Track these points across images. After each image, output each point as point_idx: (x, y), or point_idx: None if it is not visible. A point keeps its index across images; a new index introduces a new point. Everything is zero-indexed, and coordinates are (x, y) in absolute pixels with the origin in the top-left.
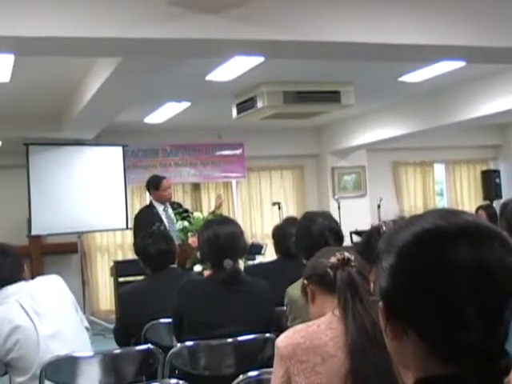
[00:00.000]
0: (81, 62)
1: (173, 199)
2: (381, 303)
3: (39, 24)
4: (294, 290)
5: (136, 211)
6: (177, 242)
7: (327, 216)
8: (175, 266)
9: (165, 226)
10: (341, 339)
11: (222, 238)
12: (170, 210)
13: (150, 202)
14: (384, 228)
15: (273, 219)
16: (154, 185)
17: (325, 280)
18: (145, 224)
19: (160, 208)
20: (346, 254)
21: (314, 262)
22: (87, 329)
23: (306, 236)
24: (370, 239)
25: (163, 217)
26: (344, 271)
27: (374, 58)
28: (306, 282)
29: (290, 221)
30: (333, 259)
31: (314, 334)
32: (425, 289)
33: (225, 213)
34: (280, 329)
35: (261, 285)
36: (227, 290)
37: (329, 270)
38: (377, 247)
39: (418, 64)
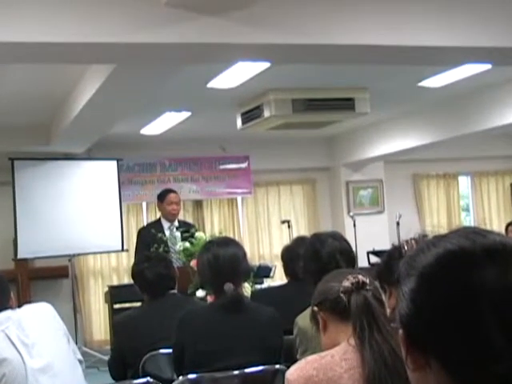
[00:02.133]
0: (71, 69)
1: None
2: (401, 331)
3: (25, 28)
4: (304, 320)
5: (132, 230)
6: (176, 264)
7: (337, 237)
8: (175, 291)
9: (165, 247)
10: (357, 371)
11: (222, 260)
12: (177, 231)
13: (159, 217)
14: (406, 248)
15: (282, 239)
16: (160, 196)
17: (338, 306)
18: (142, 244)
19: (166, 225)
20: (361, 277)
21: (325, 287)
22: (80, 361)
23: (315, 259)
24: (390, 260)
25: (167, 235)
26: (359, 295)
27: (391, 62)
28: (316, 309)
29: (299, 241)
30: (346, 283)
31: (328, 365)
32: (448, 315)
33: (229, 232)
34: (291, 359)
35: (267, 311)
36: (230, 317)
37: (342, 294)
38: (397, 269)
39: (440, 68)
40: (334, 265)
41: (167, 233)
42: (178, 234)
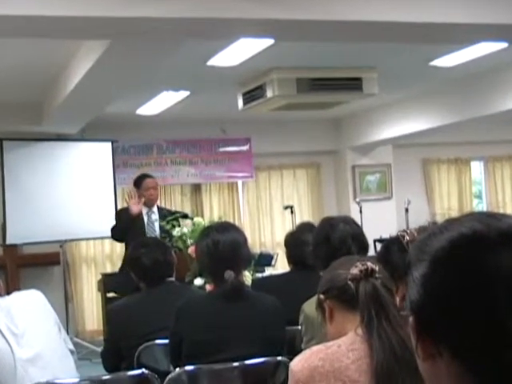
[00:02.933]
0: (64, 45)
1: (170, 202)
2: (411, 318)
3: (15, 1)
4: (311, 307)
5: None
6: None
7: (349, 221)
8: (173, 279)
9: (143, 233)
10: (365, 362)
11: (222, 246)
12: (155, 216)
13: None
14: (407, 237)
15: (284, 225)
16: (136, 182)
17: (345, 294)
18: (125, 221)
19: (144, 211)
20: (369, 264)
21: (332, 274)
22: (72, 352)
23: (325, 244)
24: (389, 251)
25: (145, 221)
26: (367, 284)
27: (401, 40)
28: (322, 297)
29: (305, 227)
30: (354, 270)
31: (334, 355)
32: (461, 301)
33: (229, 218)
34: (294, 351)
35: (268, 300)
36: (230, 306)
37: (349, 282)
38: (397, 260)
39: (453, 46)
40: (346, 250)
41: (145, 218)
42: (156, 221)
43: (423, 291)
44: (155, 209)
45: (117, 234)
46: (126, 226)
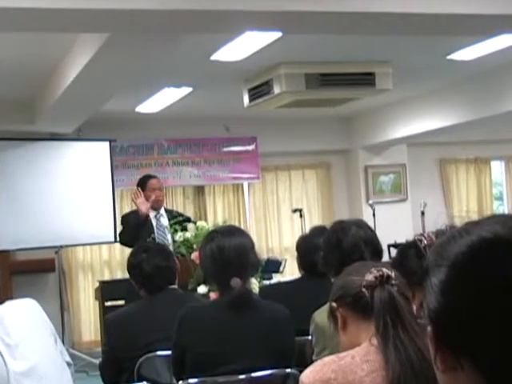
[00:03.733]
0: (58, 39)
1: (172, 205)
2: (429, 327)
3: None
4: (322, 316)
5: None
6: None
7: (362, 225)
8: (175, 286)
9: (154, 238)
10: (380, 374)
11: (228, 251)
12: (165, 219)
13: None
14: (425, 241)
15: (293, 229)
16: (140, 183)
17: (359, 302)
18: (133, 223)
19: (151, 214)
20: (385, 270)
21: (345, 281)
22: (69, 364)
23: (337, 249)
24: (405, 256)
25: (154, 225)
26: (383, 291)
27: (417, 32)
28: (334, 305)
29: (318, 231)
30: (369, 276)
31: (348, 367)
32: (482, 310)
33: (234, 222)
34: (304, 363)
35: (277, 310)
36: (236, 315)
37: (364, 289)
38: (414, 266)
39: (472, 38)
40: (358, 256)
41: (154, 222)
42: (165, 224)
43: (442, 299)
44: (163, 211)
45: (126, 237)
46: (135, 229)
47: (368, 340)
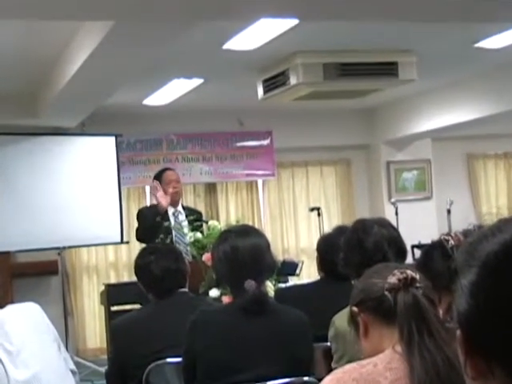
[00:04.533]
0: (61, 28)
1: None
2: (459, 332)
3: None
4: (342, 321)
5: (134, 219)
6: (186, 258)
7: (385, 224)
8: (186, 290)
9: (171, 237)
10: (404, 383)
11: (242, 251)
12: (183, 217)
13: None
14: (452, 241)
15: (310, 229)
16: (157, 177)
17: (382, 306)
18: (152, 218)
19: (170, 211)
20: (409, 272)
21: (366, 283)
22: (73, 372)
23: (358, 250)
24: (430, 257)
25: (172, 223)
26: (407, 294)
27: (442, 18)
28: (355, 309)
29: (340, 230)
30: (392, 279)
31: (370, 376)
32: None
33: (248, 222)
34: (323, 370)
35: (294, 314)
36: (251, 320)
37: (387, 292)
38: (440, 267)
39: (502, 25)
40: (381, 257)
41: (172, 220)
42: (184, 222)
43: (473, 301)
44: (181, 208)
45: (144, 233)
46: (153, 225)
47: (391, 347)
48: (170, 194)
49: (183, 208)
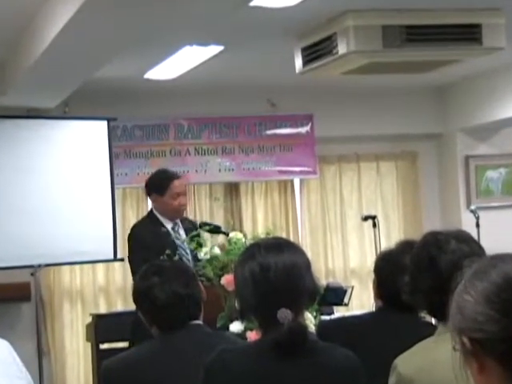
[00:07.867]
0: None
1: (194, 209)
2: None
3: None
4: (407, 363)
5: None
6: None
7: (465, 238)
8: (200, 322)
9: (180, 256)
10: None
11: (275, 272)
12: (182, 231)
13: (150, 213)
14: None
15: (363, 245)
16: (158, 185)
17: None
18: (142, 249)
19: (168, 225)
20: None
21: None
22: None
23: (430, 271)
24: None
25: (175, 241)
26: None
27: None
28: (465, 339)
29: (406, 246)
30: None
31: None
32: None
33: (281, 233)
34: None
35: (342, 355)
36: (286, 364)
37: None
38: None
39: None
40: (460, 280)
41: (172, 235)
42: (182, 234)
43: None
44: (178, 220)
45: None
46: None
47: None
48: (172, 212)
49: (181, 221)
